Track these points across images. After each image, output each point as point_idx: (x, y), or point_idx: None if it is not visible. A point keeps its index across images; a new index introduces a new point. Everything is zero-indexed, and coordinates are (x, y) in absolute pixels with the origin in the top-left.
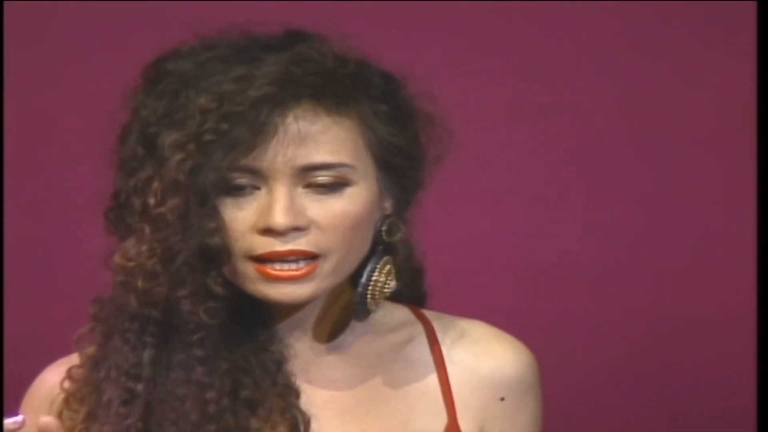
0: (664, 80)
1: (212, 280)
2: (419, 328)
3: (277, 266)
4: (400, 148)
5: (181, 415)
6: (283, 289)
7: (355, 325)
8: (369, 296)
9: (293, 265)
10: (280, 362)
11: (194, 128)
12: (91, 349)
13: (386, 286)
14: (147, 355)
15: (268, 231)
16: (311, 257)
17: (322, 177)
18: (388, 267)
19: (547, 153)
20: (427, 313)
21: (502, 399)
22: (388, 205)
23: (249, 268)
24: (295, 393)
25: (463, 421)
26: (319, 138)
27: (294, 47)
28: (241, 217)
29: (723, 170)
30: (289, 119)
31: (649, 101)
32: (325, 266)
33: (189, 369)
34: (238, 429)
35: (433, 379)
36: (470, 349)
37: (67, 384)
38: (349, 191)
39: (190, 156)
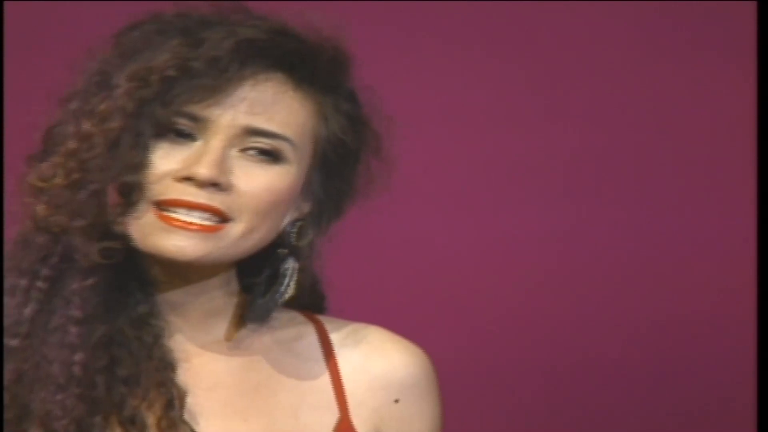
0: (664, 80)
1: (115, 217)
2: (309, 327)
3: (182, 216)
4: (344, 150)
5: (49, 377)
6: (180, 241)
7: (237, 318)
8: (278, 298)
9: (197, 219)
10: (159, 336)
11: (160, 62)
12: None
13: (289, 289)
14: (29, 311)
15: (187, 179)
16: (220, 219)
17: (262, 144)
18: (296, 272)
19: (547, 156)
20: (319, 316)
21: (397, 401)
22: (305, 206)
23: (150, 215)
24: (172, 367)
25: (356, 418)
26: (274, 107)
27: (279, 20)
28: (164, 162)
29: (723, 170)
30: (254, 81)
31: (649, 101)
32: (231, 231)
33: (64, 332)
34: (113, 406)
35: (323, 375)
36: (362, 350)
37: None
38: (279, 167)
39: (147, 86)
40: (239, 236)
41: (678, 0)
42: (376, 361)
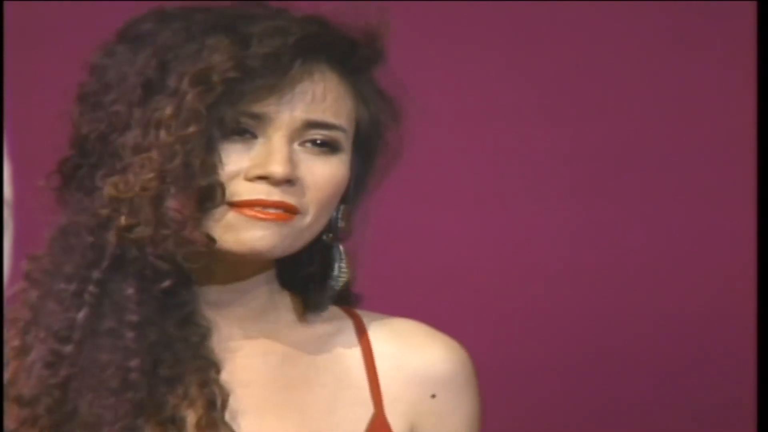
0: (664, 80)
1: (195, 223)
2: (347, 322)
3: (258, 212)
4: (380, 130)
5: (101, 382)
6: (259, 232)
7: (280, 314)
8: (335, 284)
9: (272, 211)
10: (204, 336)
11: (218, 63)
12: (20, 311)
13: (343, 273)
14: (81, 315)
15: (262, 179)
16: (291, 212)
17: (320, 135)
18: (345, 255)
19: (546, 155)
20: (357, 311)
21: (433, 396)
22: (349, 193)
23: (228, 214)
24: (216, 367)
25: (391, 415)
26: (326, 98)
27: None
28: (233, 162)
29: (723, 170)
30: (304, 74)
31: (648, 101)
32: (299, 223)
33: (118, 336)
34: (154, 406)
35: (359, 371)
36: (400, 345)
37: None
38: (337, 158)
39: (211, 88)
40: (305, 228)
41: (678, 0)
42: (414, 356)
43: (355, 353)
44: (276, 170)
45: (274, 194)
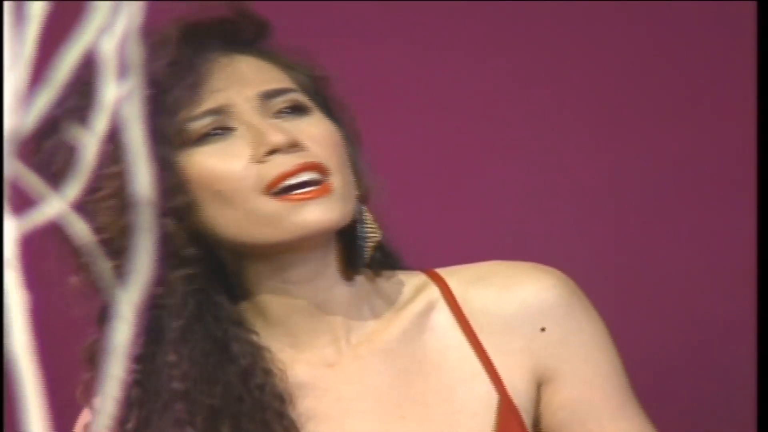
0: (664, 80)
1: (182, 243)
2: (435, 291)
3: (298, 191)
4: (324, 86)
5: None
6: (313, 210)
7: (375, 308)
8: (364, 243)
9: (307, 178)
10: (264, 384)
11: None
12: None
13: (369, 232)
14: (134, 394)
15: (270, 154)
16: (322, 174)
17: (282, 102)
18: (369, 215)
19: (545, 155)
20: (439, 271)
21: (543, 330)
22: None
23: (271, 204)
24: (281, 399)
25: (508, 373)
26: (256, 73)
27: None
28: (234, 158)
29: (723, 170)
30: (216, 63)
31: (648, 101)
32: (336, 183)
33: (171, 408)
34: None
35: (462, 341)
36: (490, 293)
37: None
38: (313, 116)
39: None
40: (341, 186)
41: (678, 0)
42: (505, 298)
43: (451, 321)
44: (276, 138)
45: (296, 159)
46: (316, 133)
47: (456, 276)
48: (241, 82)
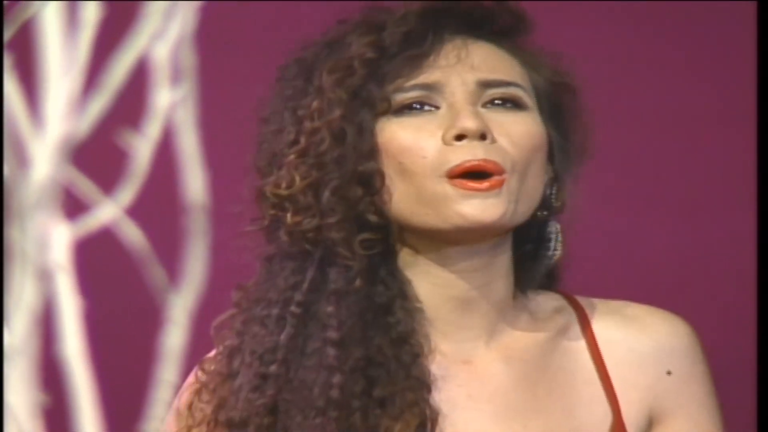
0: (664, 80)
1: (365, 208)
2: (572, 314)
3: (472, 181)
4: (560, 94)
5: (308, 402)
6: (480, 203)
7: (517, 318)
8: (548, 261)
9: (482, 181)
10: (417, 355)
11: (354, 50)
12: (226, 339)
13: (557, 252)
14: (284, 336)
15: (458, 138)
16: (496, 173)
17: (499, 93)
18: (560, 233)
19: None
20: (578, 298)
21: (669, 373)
22: (549, 168)
23: (446, 187)
24: (427, 387)
25: (627, 404)
26: (489, 60)
27: None
28: (424, 135)
29: (723, 170)
30: (454, 44)
31: (648, 101)
32: (511, 183)
33: (322, 354)
34: (366, 427)
35: (589, 365)
36: (627, 328)
37: (199, 374)
38: (525, 114)
39: (352, 73)
40: (517, 189)
41: (678, 0)
42: (643, 337)
43: (584, 348)
44: (468, 124)
45: (479, 152)
46: (516, 130)
47: (593, 305)
48: (465, 65)
